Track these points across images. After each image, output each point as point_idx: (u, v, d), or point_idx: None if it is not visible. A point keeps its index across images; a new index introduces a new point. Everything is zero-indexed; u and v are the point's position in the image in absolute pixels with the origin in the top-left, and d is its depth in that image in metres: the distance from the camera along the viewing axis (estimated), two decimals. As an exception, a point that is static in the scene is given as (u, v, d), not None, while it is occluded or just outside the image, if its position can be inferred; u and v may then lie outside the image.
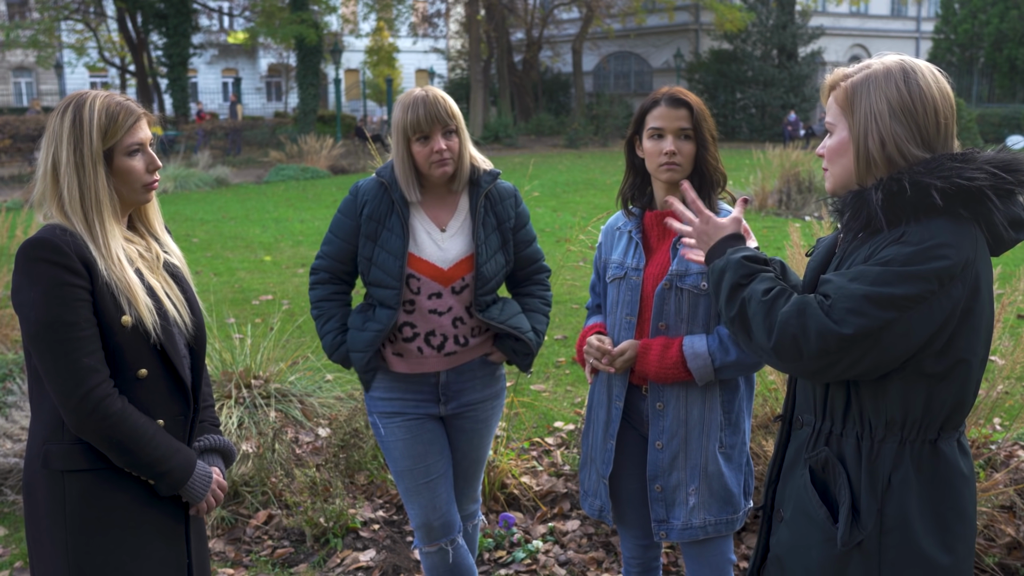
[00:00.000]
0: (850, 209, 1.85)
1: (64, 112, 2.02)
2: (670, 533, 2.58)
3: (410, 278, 2.71)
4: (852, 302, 1.71)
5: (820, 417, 1.91)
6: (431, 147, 2.66)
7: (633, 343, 2.54)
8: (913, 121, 1.81)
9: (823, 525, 1.86)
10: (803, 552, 1.90)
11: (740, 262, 1.92)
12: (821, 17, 37.48)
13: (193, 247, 11.22)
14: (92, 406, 1.94)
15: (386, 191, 2.74)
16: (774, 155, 14.24)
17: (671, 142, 2.49)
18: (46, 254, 1.93)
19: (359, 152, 23.54)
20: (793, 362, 1.78)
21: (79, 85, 37.20)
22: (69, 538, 2.00)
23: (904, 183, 1.75)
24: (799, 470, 1.94)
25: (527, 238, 2.90)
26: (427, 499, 2.80)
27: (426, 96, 2.66)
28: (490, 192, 2.80)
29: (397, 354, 2.78)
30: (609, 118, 31.50)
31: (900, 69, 1.84)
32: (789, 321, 1.75)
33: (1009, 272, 5.19)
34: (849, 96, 1.86)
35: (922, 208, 1.75)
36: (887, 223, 1.77)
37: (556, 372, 6.14)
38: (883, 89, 1.82)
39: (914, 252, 1.72)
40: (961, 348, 1.78)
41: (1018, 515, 3.40)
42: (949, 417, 1.82)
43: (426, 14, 39.40)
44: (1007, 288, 3.88)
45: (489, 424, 2.93)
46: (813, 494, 1.88)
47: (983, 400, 3.58)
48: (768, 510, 2.07)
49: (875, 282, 1.72)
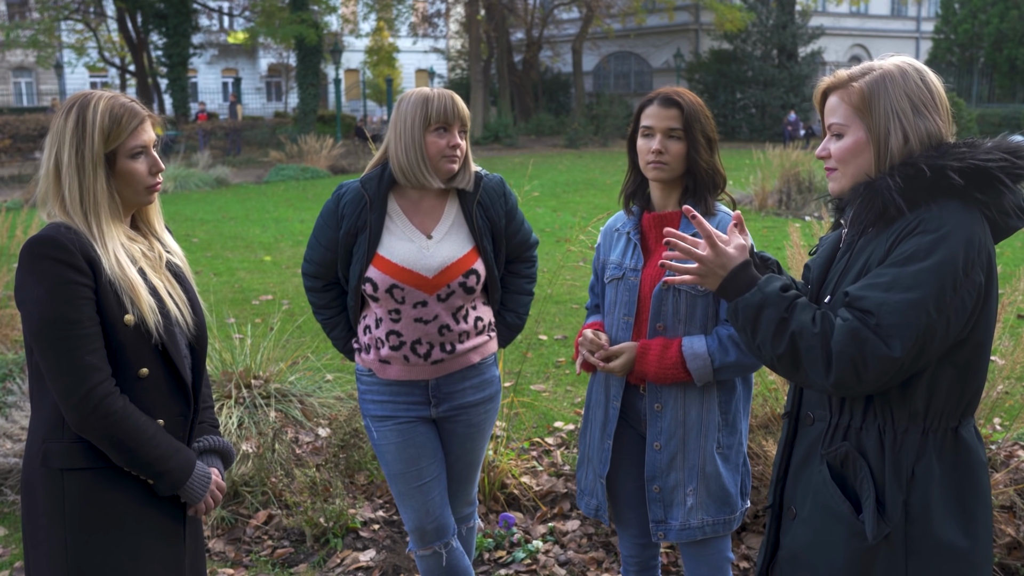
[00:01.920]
0: (861, 202, 1.85)
1: (68, 112, 2.02)
2: (668, 533, 2.58)
3: (394, 288, 2.69)
4: (898, 316, 1.70)
5: (836, 412, 1.90)
6: (448, 140, 2.65)
7: (631, 345, 2.54)
8: (935, 115, 1.85)
9: (848, 520, 1.86)
10: (827, 548, 1.89)
11: (778, 295, 1.83)
12: (821, 17, 37.48)
13: (193, 247, 11.22)
14: (93, 404, 1.94)
15: (366, 206, 2.71)
16: (774, 155, 14.25)
17: (659, 141, 2.50)
18: (51, 251, 1.94)
19: (359, 152, 23.57)
20: (851, 390, 1.77)
21: (79, 85, 37.20)
22: (68, 536, 2.00)
23: (921, 166, 1.79)
24: (815, 467, 1.94)
25: (516, 227, 2.88)
26: (420, 502, 2.80)
27: (444, 92, 2.68)
28: (481, 198, 2.78)
29: (384, 361, 2.77)
30: (609, 118, 31.49)
31: (912, 68, 1.87)
32: (844, 351, 1.72)
33: (1009, 272, 5.19)
34: (866, 97, 1.86)
35: (939, 190, 1.78)
36: (907, 206, 1.79)
37: (556, 372, 6.14)
38: (902, 87, 1.85)
39: (935, 239, 1.74)
40: (980, 333, 1.81)
41: (1018, 515, 3.40)
42: (969, 403, 1.84)
43: (426, 14, 39.40)
44: (1007, 288, 3.87)
45: (482, 428, 2.91)
46: (835, 489, 1.88)
47: (983, 400, 3.58)
48: (777, 508, 2.06)
49: (911, 287, 1.71)
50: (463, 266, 2.72)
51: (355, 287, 2.75)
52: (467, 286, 2.74)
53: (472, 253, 2.74)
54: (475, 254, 2.75)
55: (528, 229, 2.95)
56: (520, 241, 2.91)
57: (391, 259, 2.69)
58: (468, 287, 2.74)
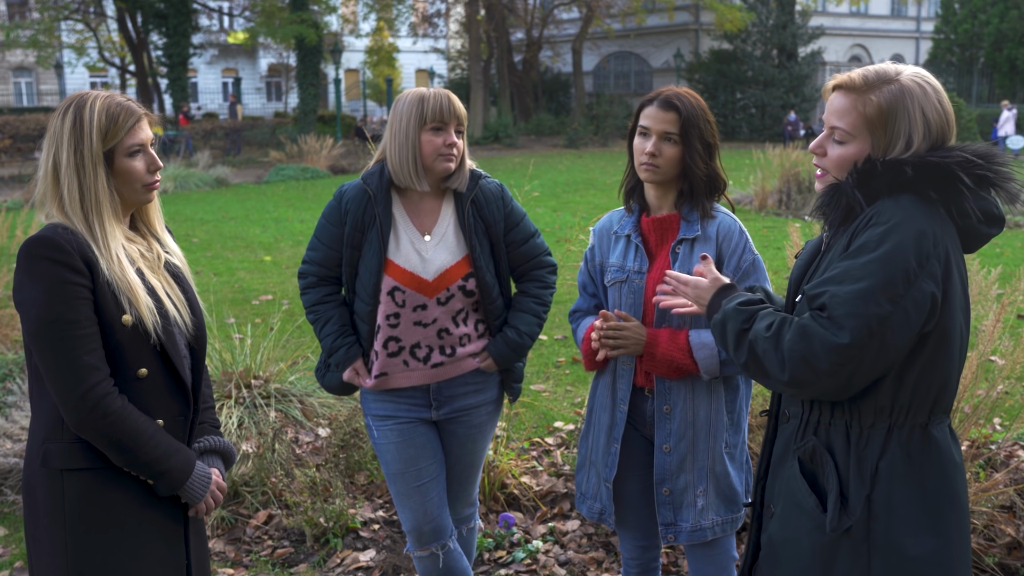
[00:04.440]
0: (829, 203, 1.87)
1: (65, 113, 2.02)
2: (679, 536, 2.57)
3: (395, 291, 2.67)
4: (847, 306, 1.72)
5: (808, 408, 1.92)
6: (444, 139, 2.63)
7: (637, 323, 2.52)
8: (942, 139, 1.84)
9: (812, 513, 1.87)
10: (794, 542, 1.91)
11: (736, 309, 1.96)
12: (821, 17, 37.48)
13: (193, 247, 11.22)
14: (92, 404, 1.94)
15: (370, 201, 2.70)
16: (774, 155, 14.25)
17: (653, 144, 2.48)
18: (48, 252, 1.94)
19: (359, 152, 23.56)
20: (811, 387, 1.78)
21: (79, 85, 37.21)
22: (68, 537, 2.00)
23: (876, 163, 1.80)
24: (788, 462, 1.95)
25: (521, 236, 2.82)
26: (418, 503, 2.79)
27: (440, 91, 2.67)
28: (476, 198, 2.75)
29: (382, 375, 2.74)
30: (609, 118, 31.50)
31: (930, 87, 1.84)
32: (795, 347, 1.76)
33: (1009, 272, 5.18)
34: (884, 113, 1.83)
35: (895, 185, 1.78)
36: (865, 200, 1.80)
37: (556, 372, 6.14)
38: (921, 108, 1.82)
39: (885, 231, 1.74)
40: (942, 327, 1.80)
41: (1018, 515, 3.40)
42: (937, 400, 1.84)
43: (426, 14, 39.39)
44: (1007, 288, 3.87)
45: (483, 429, 2.89)
46: (802, 482, 1.89)
47: (983, 400, 3.57)
48: (758, 507, 2.08)
49: (861, 277, 1.72)
50: (461, 269, 2.71)
51: (373, 286, 2.67)
52: (467, 289, 2.72)
53: (469, 256, 2.72)
54: (470, 256, 2.72)
55: (541, 245, 2.87)
56: (527, 253, 2.83)
57: (395, 261, 2.68)
58: (468, 291, 2.72)
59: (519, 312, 2.82)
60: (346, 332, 2.77)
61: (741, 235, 2.54)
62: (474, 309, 2.78)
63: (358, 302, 2.74)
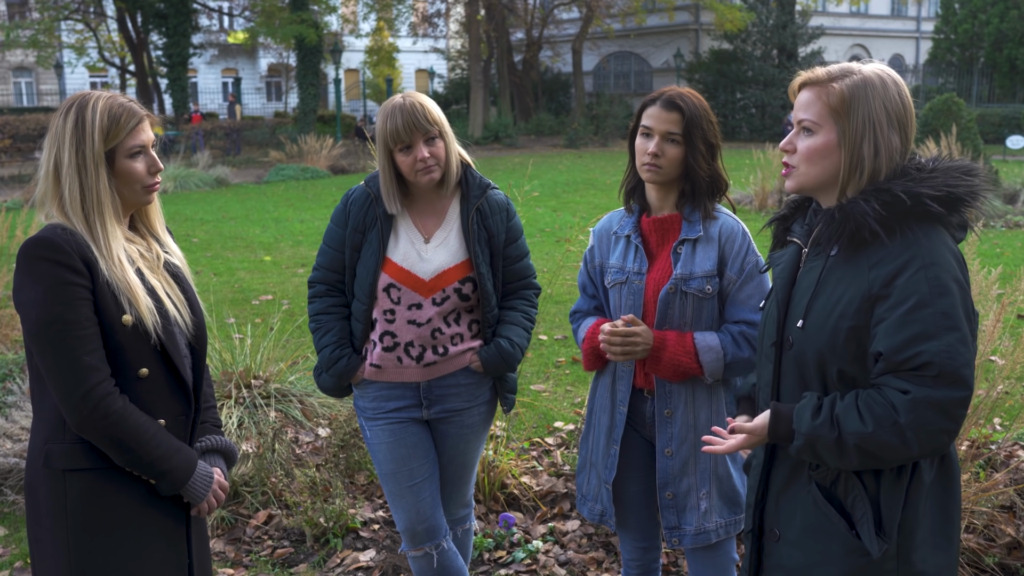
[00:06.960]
0: (832, 224, 1.85)
1: (67, 113, 2.02)
2: (683, 539, 2.57)
3: (391, 287, 2.69)
4: (960, 357, 1.73)
5: None
6: (414, 156, 2.62)
7: (646, 327, 2.49)
8: (904, 132, 1.86)
9: (843, 537, 1.86)
10: (821, 568, 1.90)
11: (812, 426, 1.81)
12: (821, 17, 37.47)
13: (193, 247, 11.22)
14: (93, 404, 1.94)
15: (372, 202, 2.73)
16: (774, 155, 14.23)
17: (656, 144, 2.47)
18: (48, 253, 1.94)
19: (359, 152, 23.54)
20: (943, 448, 1.79)
21: (79, 85, 37.21)
22: (70, 537, 2.01)
23: (898, 193, 1.79)
24: (801, 487, 1.94)
25: (516, 253, 2.83)
26: (411, 503, 2.79)
27: (403, 104, 2.61)
28: (481, 206, 2.76)
29: (375, 365, 2.76)
30: (609, 118, 31.48)
31: (891, 79, 1.87)
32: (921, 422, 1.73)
33: (1009, 272, 5.18)
34: (846, 100, 1.85)
35: (915, 216, 1.80)
36: (885, 233, 1.79)
37: (556, 372, 6.14)
38: (882, 98, 1.84)
39: (938, 271, 1.76)
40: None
41: (1018, 515, 3.40)
42: None
43: (426, 14, 39.35)
44: (1007, 288, 3.87)
45: (476, 430, 2.89)
46: (829, 509, 1.88)
47: (983, 400, 3.57)
48: (757, 532, 2.05)
49: (952, 326, 1.74)
50: (460, 272, 2.72)
51: (370, 284, 2.70)
52: (462, 293, 2.73)
53: (469, 261, 2.73)
54: (471, 262, 2.73)
55: (529, 267, 2.89)
56: (517, 271, 2.85)
57: (392, 258, 2.70)
58: (463, 294, 2.73)
59: (511, 324, 2.82)
60: (344, 344, 2.79)
61: (744, 238, 2.53)
62: (468, 311, 2.79)
63: (355, 303, 2.76)
